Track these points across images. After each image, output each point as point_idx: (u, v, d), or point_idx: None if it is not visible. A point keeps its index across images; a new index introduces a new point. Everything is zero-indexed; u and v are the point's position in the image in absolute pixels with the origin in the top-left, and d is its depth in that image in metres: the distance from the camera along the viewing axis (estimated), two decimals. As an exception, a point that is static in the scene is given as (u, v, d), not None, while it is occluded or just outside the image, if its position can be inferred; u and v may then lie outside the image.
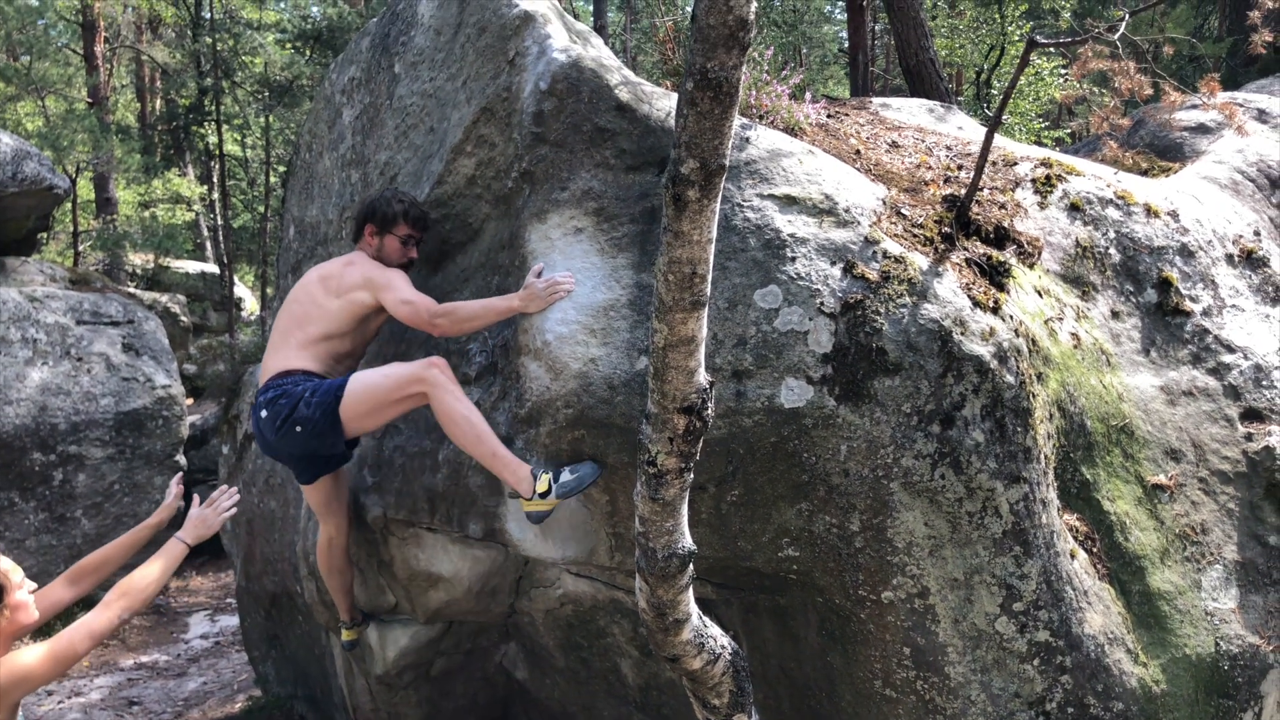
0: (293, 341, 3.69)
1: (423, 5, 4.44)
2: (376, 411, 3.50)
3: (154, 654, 8.34)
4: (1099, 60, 3.43)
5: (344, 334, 3.74)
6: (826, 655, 3.41)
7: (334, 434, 3.51)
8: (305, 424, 3.49)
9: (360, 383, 3.48)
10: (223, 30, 17.06)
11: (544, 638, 4.25)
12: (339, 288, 3.72)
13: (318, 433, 3.51)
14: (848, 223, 3.41)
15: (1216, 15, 16.02)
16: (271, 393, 3.59)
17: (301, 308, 3.75)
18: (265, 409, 3.58)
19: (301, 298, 3.77)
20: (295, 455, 3.74)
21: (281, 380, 3.60)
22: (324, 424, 3.48)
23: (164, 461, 9.32)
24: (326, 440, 3.54)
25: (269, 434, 3.59)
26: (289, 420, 3.51)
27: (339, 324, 3.72)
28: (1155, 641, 3.39)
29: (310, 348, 3.68)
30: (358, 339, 3.83)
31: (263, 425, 3.60)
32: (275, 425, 3.54)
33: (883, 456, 3.14)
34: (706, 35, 2.02)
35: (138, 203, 19.65)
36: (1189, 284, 4.06)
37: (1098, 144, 5.18)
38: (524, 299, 3.40)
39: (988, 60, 13.54)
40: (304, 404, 3.49)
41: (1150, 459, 3.64)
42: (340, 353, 3.77)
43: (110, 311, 9.44)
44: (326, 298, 3.72)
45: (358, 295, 3.70)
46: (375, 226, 3.83)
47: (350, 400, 3.45)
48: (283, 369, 3.64)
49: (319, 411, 3.47)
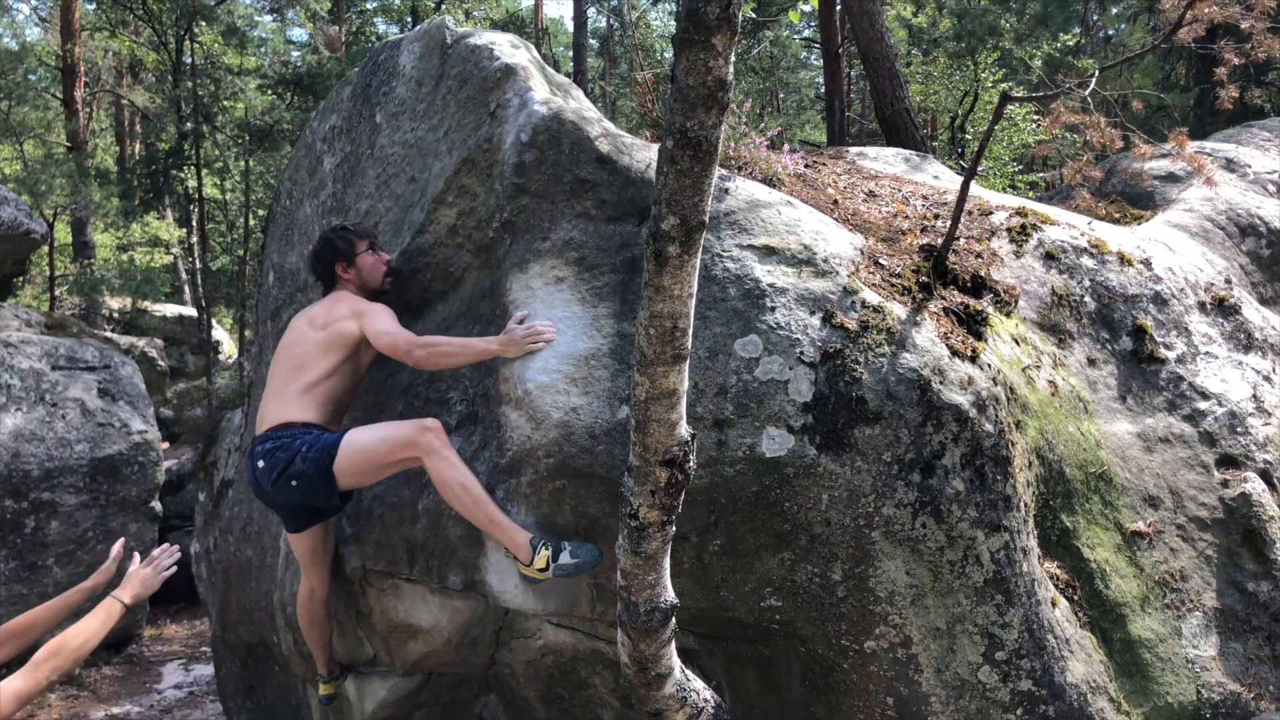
0: (292, 389, 3.70)
1: (404, 56, 4.48)
2: (370, 472, 3.51)
3: (126, 705, 8.17)
4: (1071, 114, 3.51)
5: (338, 372, 3.75)
6: (810, 706, 3.39)
7: (328, 489, 3.51)
8: (300, 479, 3.50)
9: (354, 443, 3.48)
10: (203, 75, 17.14)
11: (525, 689, 4.20)
12: (327, 322, 3.77)
13: (312, 488, 3.51)
14: (826, 272, 3.44)
15: (1183, 64, 16.40)
16: (270, 444, 3.59)
17: (298, 349, 3.77)
18: (263, 459, 3.58)
19: (295, 341, 3.80)
20: (289, 505, 3.73)
21: (281, 432, 3.61)
22: (318, 480, 3.48)
23: (139, 508, 9.19)
24: (320, 494, 3.55)
25: (265, 484, 3.59)
26: (285, 474, 3.51)
27: (333, 360, 3.73)
28: (1137, 690, 3.39)
29: (309, 394, 3.69)
30: (352, 378, 3.84)
31: (259, 475, 3.60)
32: (272, 477, 3.55)
33: (864, 505, 3.15)
34: (686, 95, 2.05)
35: (116, 246, 19.59)
36: (1163, 331, 4.11)
37: (1071, 192, 5.27)
38: (503, 343, 3.42)
39: (962, 106, 13.78)
40: (300, 459, 3.50)
41: (1129, 506, 3.67)
42: (338, 394, 3.78)
43: (86, 356, 9.36)
44: (319, 336, 3.75)
45: (346, 326, 3.73)
46: (344, 262, 3.93)
47: (344, 459, 3.45)
48: (283, 420, 3.64)
49: (314, 467, 3.47)
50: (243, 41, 18.61)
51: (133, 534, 9.13)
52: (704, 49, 2.01)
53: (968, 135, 13.33)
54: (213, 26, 17.62)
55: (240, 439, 5.95)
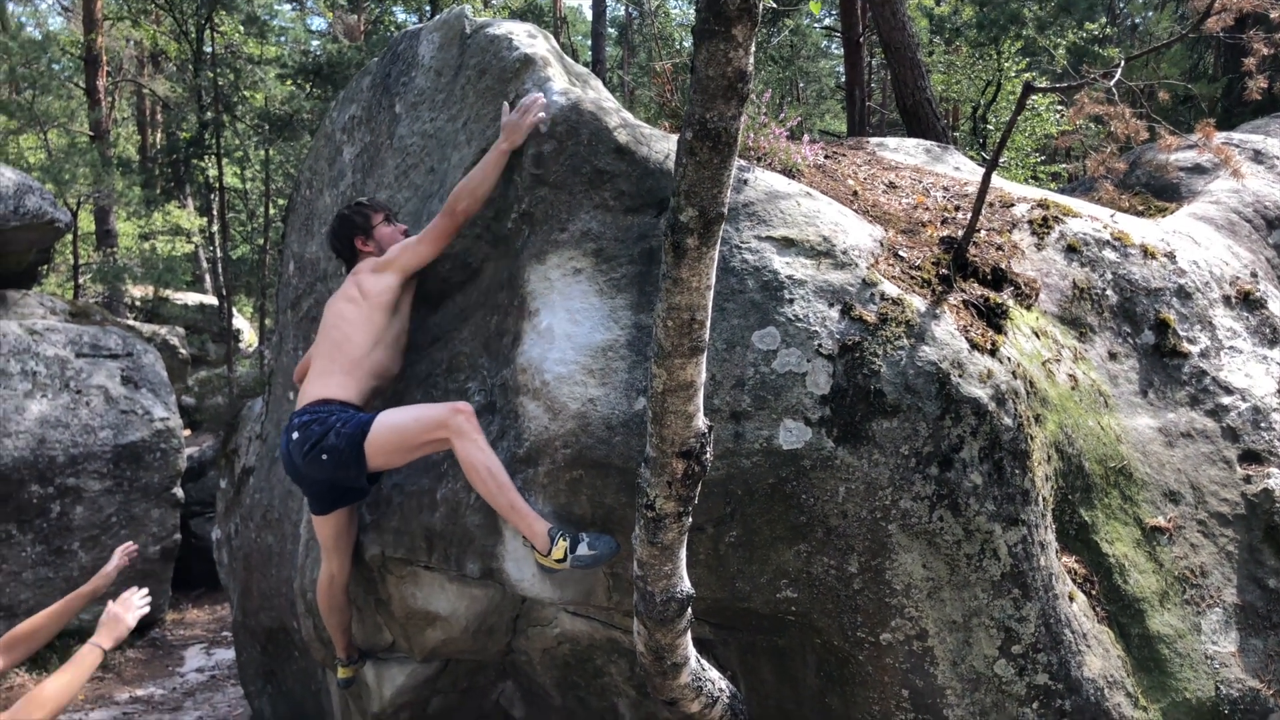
0: (335, 368, 3.75)
1: (423, 47, 4.48)
2: (400, 451, 3.53)
3: (149, 687, 8.27)
4: (1095, 105, 3.47)
5: (380, 342, 3.79)
6: (825, 697, 3.39)
7: (357, 467, 3.54)
8: (331, 453, 3.53)
9: (387, 422, 3.52)
10: (224, 65, 17.22)
11: (541, 676, 4.22)
12: (362, 291, 3.81)
13: (342, 463, 3.54)
14: (845, 264, 3.43)
15: (1211, 53, 16.20)
16: (306, 417, 3.65)
17: (336, 332, 3.81)
18: (297, 430, 3.64)
19: (333, 324, 3.84)
20: (317, 481, 3.77)
21: (318, 407, 3.66)
22: (348, 456, 3.51)
23: (161, 494, 9.29)
24: (349, 472, 3.58)
25: (296, 456, 3.64)
26: (317, 446, 3.56)
27: (376, 327, 3.77)
28: (1155, 685, 3.37)
29: (353, 373, 3.74)
30: (393, 347, 3.87)
31: (292, 446, 3.65)
32: (303, 449, 3.59)
33: (881, 498, 3.14)
34: (705, 86, 2.04)
35: (137, 235, 19.73)
36: (1186, 325, 4.08)
37: (1094, 184, 5.23)
38: (507, 135, 3.62)
39: (984, 96, 13.67)
40: (334, 433, 3.54)
41: (1149, 501, 3.64)
42: (380, 369, 3.82)
43: (109, 344, 9.45)
44: (356, 306, 3.79)
45: (380, 280, 3.79)
46: (362, 235, 3.99)
47: (375, 437, 3.49)
48: (322, 396, 3.69)
49: (345, 443, 3.51)
50: (263, 31, 18.66)
51: (155, 520, 9.24)
52: (724, 40, 2.00)
53: (989, 125, 13.22)
54: (233, 15, 17.69)
55: (261, 427, 6.00)
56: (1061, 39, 14.76)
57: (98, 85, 17.97)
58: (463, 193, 3.65)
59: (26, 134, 18.06)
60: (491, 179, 3.66)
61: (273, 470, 5.54)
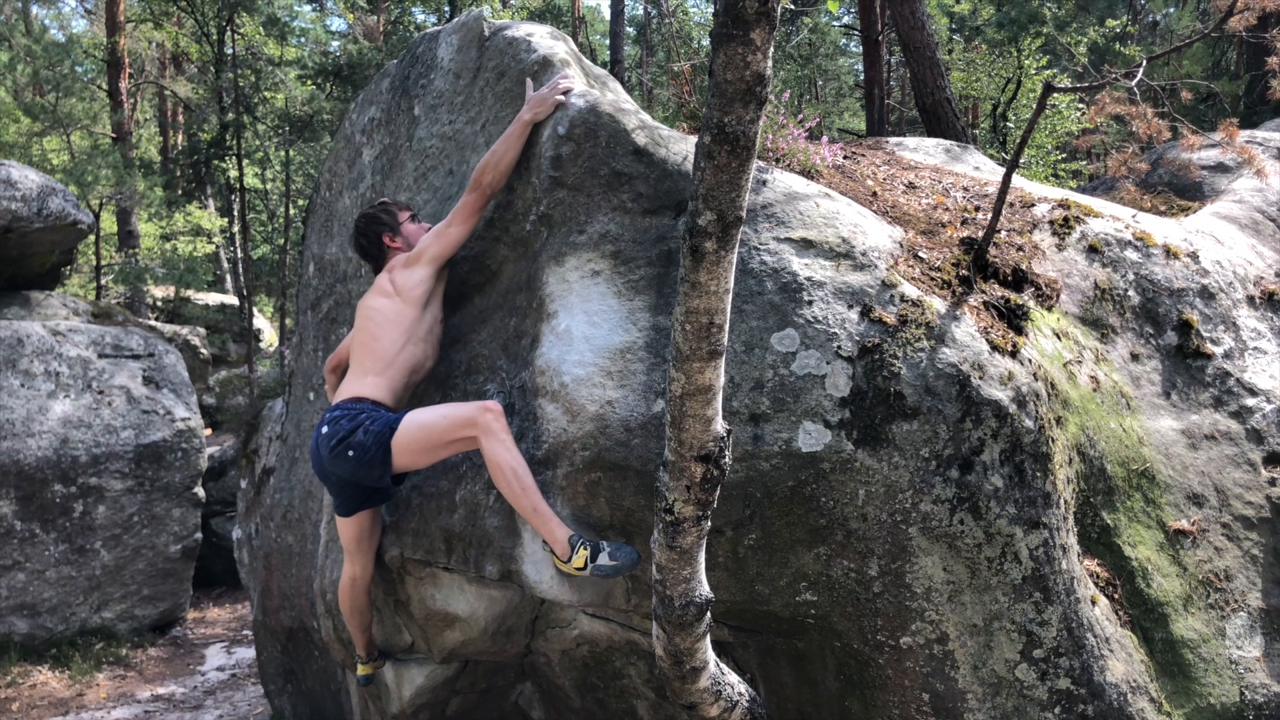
0: (367, 367, 3.77)
1: (442, 49, 4.49)
2: (426, 450, 3.55)
3: (171, 686, 8.33)
4: (1117, 104, 3.44)
5: (412, 339, 3.80)
6: (845, 700, 3.38)
7: (383, 466, 3.56)
8: (358, 449, 3.55)
9: (416, 419, 3.54)
10: (245, 66, 17.33)
11: (560, 678, 4.23)
12: (395, 288, 3.82)
13: (368, 460, 3.55)
14: (865, 266, 3.41)
15: (1234, 50, 16.05)
16: (337, 412, 3.68)
17: (366, 330, 3.83)
18: (327, 425, 3.67)
19: (364, 320, 3.86)
20: (342, 479, 3.79)
21: (350, 404, 3.69)
22: (375, 453, 3.53)
23: (183, 494, 9.35)
24: (374, 470, 3.59)
25: (323, 450, 3.66)
26: (344, 442, 3.58)
27: (407, 322, 3.78)
28: (1179, 690, 3.34)
29: (385, 372, 3.75)
30: (425, 343, 3.88)
31: (320, 441, 3.68)
32: (331, 444, 3.61)
33: (901, 501, 3.13)
34: (724, 90, 2.04)
35: (159, 236, 19.89)
36: (1210, 326, 4.04)
37: (1115, 184, 5.19)
38: (532, 107, 3.66)
39: (1004, 94, 13.59)
40: (362, 430, 3.56)
41: (1172, 504, 3.61)
42: (414, 364, 3.83)
43: (131, 345, 9.53)
44: (389, 301, 3.80)
45: (411, 274, 3.79)
46: (390, 232, 4.01)
47: (404, 434, 3.51)
48: (355, 395, 3.72)
49: (373, 439, 3.53)
50: (283, 32, 18.76)
51: (176, 519, 9.31)
52: (742, 43, 2.00)
53: (1009, 123, 13.14)
54: (254, 17, 17.80)
55: (281, 427, 6.03)
56: (1082, 36, 14.65)
57: (120, 87, 18.12)
58: (487, 166, 3.69)
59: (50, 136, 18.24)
60: (515, 150, 3.69)
61: (293, 471, 5.57)
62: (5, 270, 9.63)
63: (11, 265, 9.62)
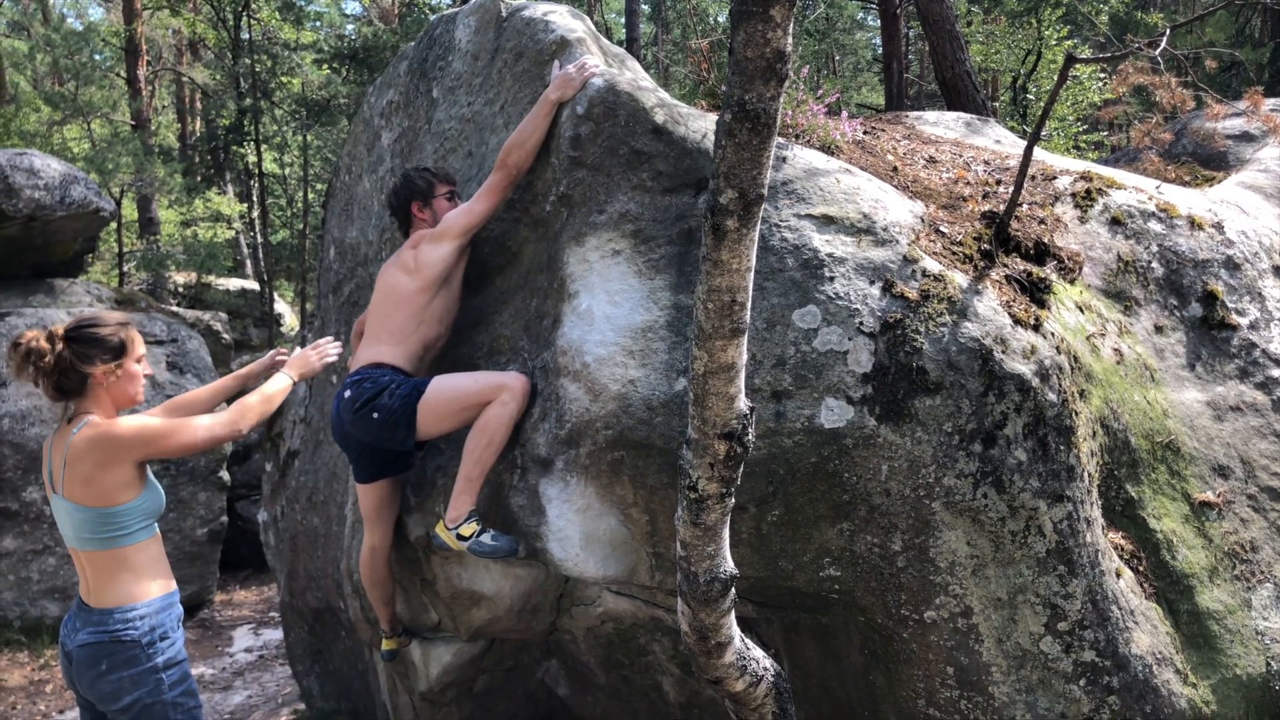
0: (384, 335, 3.80)
1: (460, 31, 4.49)
2: (452, 415, 3.60)
3: (200, 667, 8.45)
4: (1140, 75, 3.41)
5: (426, 319, 3.83)
6: (869, 674, 3.40)
7: (407, 429, 3.60)
8: (383, 412, 3.59)
9: (447, 383, 3.61)
10: (261, 51, 17.36)
11: (585, 655, 4.27)
12: (417, 265, 3.82)
13: (392, 423, 3.60)
14: (886, 241, 3.41)
15: (1258, 17, 15.79)
16: (359, 376, 3.71)
17: (386, 300, 3.85)
18: (350, 389, 3.70)
19: (385, 295, 3.88)
20: (363, 444, 3.83)
21: (372, 369, 3.72)
22: (400, 416, 3.57)
23: (208, 477, 9.46)
24: (398, 434, 3.63)
25: (346, 414, 3.70)
26: (369, 404, 3.62)
27: (426, 297, 3.80)
28: (1205, 662, 3.34)
29: (403, 342, 3.78)
30: (443, 319, 3.91)
31: (342, 406, 3.71)
32: (354, 407, 3.65)
33: (924, 476, 3.13)
34: (744, 68, 2.04)
35: (179, 222, 20.00)
36: (1235, 297, 4.01)
37: (1138, 155, 5.14)
38: (558, 88, 3.64)
39: (1024, 66, 13.45)
40: (387, 394, 3.60)
41: (1197, 476, 3.60)
42: (428, 341, 3.86)
43: (155, 331, 9.61)
44: (409, 277, 3.82)
45: (434, 251, 3.79)
46: (420, 201, 3.98)
47: (432, 396, 3.56)
48: (375, 360, 3.75)
49: (399, 403, 3.57)
50: (299, 16, 18.77)
51: (202, 503, 9.40)
52: (762, 20, 1.99)
53: (1030, 96, 13.01)
54: (270, 2, 17.82)
55: (305, 410, 6.08)
56: (1104, 5, 14.45)
57: (138, 74, 18.21)
58: (513, 145, 3.68)
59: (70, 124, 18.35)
60: (541, 129, 3.69)
61: (317, 453, 5.62)
62: (30, 258, 9.72)
63: (36, 253, 9.70)
